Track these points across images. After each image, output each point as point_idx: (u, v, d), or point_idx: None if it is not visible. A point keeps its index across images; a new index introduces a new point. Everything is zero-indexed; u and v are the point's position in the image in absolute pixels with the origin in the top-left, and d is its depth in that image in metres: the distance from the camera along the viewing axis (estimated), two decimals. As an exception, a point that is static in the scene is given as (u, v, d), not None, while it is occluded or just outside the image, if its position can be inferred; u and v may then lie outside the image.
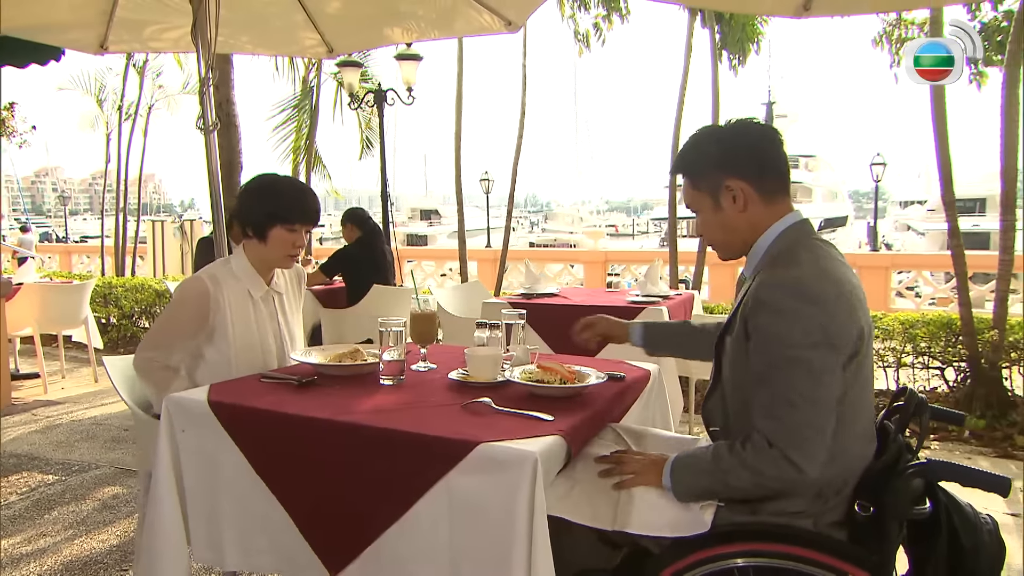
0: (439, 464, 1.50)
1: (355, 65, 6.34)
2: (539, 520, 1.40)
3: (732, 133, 1.64)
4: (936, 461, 1.42)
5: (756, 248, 1.63)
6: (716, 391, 1.69)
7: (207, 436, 1.80)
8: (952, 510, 1.48)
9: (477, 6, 4.16)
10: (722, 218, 1.63)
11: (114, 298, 7.49)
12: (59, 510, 3.38)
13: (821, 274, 1.48)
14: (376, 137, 8.63)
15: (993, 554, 1.46)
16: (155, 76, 9.50)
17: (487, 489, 1.45)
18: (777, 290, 1.47)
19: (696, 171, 1.66)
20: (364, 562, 1.61)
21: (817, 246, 1.57)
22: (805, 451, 1.40)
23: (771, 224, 1.61)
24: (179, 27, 4.47)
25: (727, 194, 1.61)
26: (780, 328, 1.45)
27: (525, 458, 1.42)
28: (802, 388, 1.41)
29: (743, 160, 1.60)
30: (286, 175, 2.35)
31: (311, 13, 4.56)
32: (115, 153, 9.65)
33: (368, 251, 5.15)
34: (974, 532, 1.46)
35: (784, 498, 1.48)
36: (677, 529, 1.51)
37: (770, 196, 1.60)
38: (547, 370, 1.91)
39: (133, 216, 10.65)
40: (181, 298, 2.24)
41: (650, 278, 4.00)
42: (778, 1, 3.56)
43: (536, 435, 1.51)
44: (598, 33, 7.45)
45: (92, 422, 4.88)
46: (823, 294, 1.45)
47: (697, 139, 1.68)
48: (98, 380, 6.01)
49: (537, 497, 1.40)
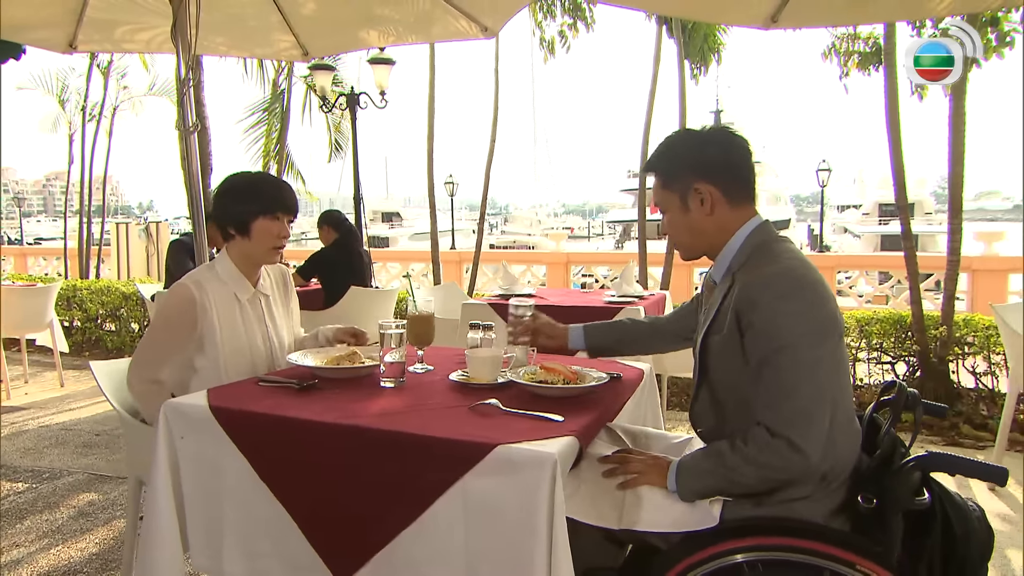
0: (455, 467, 1.45)
1: (328, 68, 6.21)
2: (559, 521, 1.37)
3: (705, 139, 1.66)
4: (936, 453, 1.44)
5: (725, 251, 1.65)
6: (702, 392, 1.68)
7: (208, 442, 1.72)
8: (944, 499, 1.51)
9: (454, 12, 4.11)
10: (689, 219, 1.65)
11: (79, 301, 7.20)
12: (32, 519, 3.21)
13: (801, 267, 1.52)
14: (344, 140, 8.51)
15: (983, 540, 1.48)
16: (120, 77, 9.16)
17: (505, 491, 1.41)
18: (766, 286, 1.49)
19: (668, 172, 1.68)
20: (375, 566, 1.55)
21: (785, 244, 1.60)
22: (806, 435, 1.40)
23: (737, 228, 1.64)
24: (152, 28, 4.32)
25: (695, 196, 1.63)
26: (774, 321, 1.46)
27: (544, 459, 1.38)
28: (797, 376, 1.43)
29: (713, 165, 1.63)
30: (259, 171, 2.29)
31: (287, 16, 4.44)
32: (78, 154, 9.28)
33: (345, 253, 5.05)
34: (965, 519, 1.48)
35: (790, 486, 1.49)
36: (684, 525, 1.50)
37: (737, 201, 1.63)
38: (550, 371, 1.88)
39: (95, 217, 10.27)
40: (167, 308, 2.14)
41: (625, 279, 4.01)
42: (748, 13, 3.60)
43: (550, 436, 1.48)
44: (563, 41, 7.46)
45: (60, 428, 4.66)
46: (808, 286, 1.48)
47: (671, 141, 1.70)
48: (64, 384, 5.76)
49: (557, 498, 1.37)
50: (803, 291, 1.47)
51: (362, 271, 5.02)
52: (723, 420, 1.62)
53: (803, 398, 1.42)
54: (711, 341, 1.62)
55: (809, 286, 1.48)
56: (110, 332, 7.27)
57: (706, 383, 1.66)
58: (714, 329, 1.61)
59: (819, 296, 1.48)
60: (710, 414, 1.66)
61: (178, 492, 1.75)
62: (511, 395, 1.80)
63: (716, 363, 1.61)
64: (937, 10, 4.06)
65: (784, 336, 1.44)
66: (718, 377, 1.61)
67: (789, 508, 1.49)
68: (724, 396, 1.61)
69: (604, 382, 1.86)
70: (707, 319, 1.65)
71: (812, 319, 1.45)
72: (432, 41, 4.51)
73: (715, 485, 1.52)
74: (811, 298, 1.47)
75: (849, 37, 8.27)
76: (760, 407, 1.47)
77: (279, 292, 2.41)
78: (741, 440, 1.48)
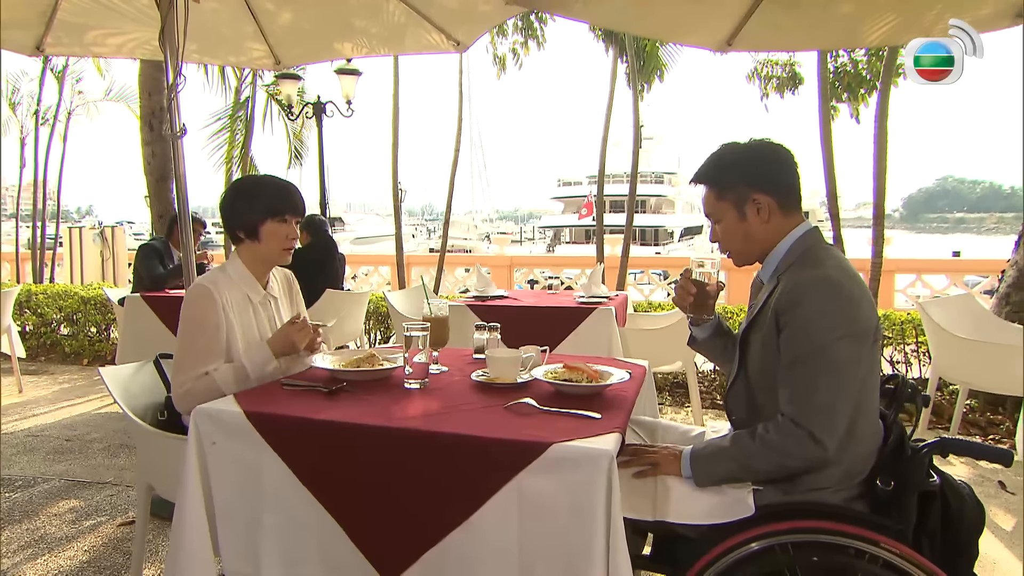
0: (509, 465, 1.40)
1: (294, 77, 5.99)
2: (616, 516, 1.34)
3: (755, 151, 1.65)
4: (948, 438, 1.49)
5: (774, 253, 1.65)
6: (739, 383, 1.69)
7: (244, 448, 1.60)
8: (941, 479, 1.56)
9: (428, 25, 4.03)
10: (746, 228, 1.64)
11: (34, 305, 6.67)
12: (12, 529, 2.93)
13: (845, 273, 1.53)
14: (304, 148, 8.24)
15: (974, 515, 1.54)
16: (75, 81, 8.55)
17: (560, 488, 1.37)
18: (810, 288, 1.50)
19: (722, 183, 1.66)
20: (423, 565, 1.48)
21: (831, 250, 1.62)
22: (827, 429, 1.43)
23: (787, 233, 1.64)
24: (124, 33, 4.05)
25: (752, 206, 1.62)
26: (812, 322, 1.47)
27: (601, 456, 1.35)
28: (828, 375, 1.45)
29: (766, 176, 1.63)
30: (265, 173, 2.19)
31: (262, 25, 4.25)
32: (30, 158, 8.61)
33: (322, 256, 4.89)
34: (959, 497, 1.54)
35: (815, 474, 1.50)
36: (719, 516, 1.50)
37: (787, 208, 1.64)
38: (573, 369, 1.84)
39: (49, 222, 9.55)
40: (192, 308, 2.00)
41: (593, 281, 4.03)
42: (705, 36, 3.68)
43: (598, 433, 1.45)
44: (516, 58, 7.45)
45: (26, 434, 4.30)
46: (850, 290, 1.49)
47: (722, 154, 1.68)
48: (23, 390, 5.33)
49: (614, 494, 1.34)
50: (840, 296, 1.48)
51: (337, 274, 4.86)
52: (755, 409, 1.63)
53: (828, 395, 1.44)
54: (752, 338, 1.62)
55: (847, 292, 1.49)
56: (67, 337, 6.78)
57: (743, 375, 1.67)
58: (755, 327, 1.62)
59: (856, 302, 1.49)
60: (743, 403, 1.67)
61: (208, 498, 1.63)
62: (536, 394, 1.76)
63: (754, 358, 1.62)
64: (863, 42, 4.27)
65: (818, 337, 1.45)
66: (754, 372, 1.62)
67: (818, 496, 1.51)
68: (758, 388, 1.62)
69: (626, 380, 1.84)
70: (750, 317, 1.65)
71: (846, 323, 1.46)
72: (404, 53, 4.39)
73: (730, 471, 1.53)
74: (847, 303, 1.48)
75: (769, 63, 8.63)
76: (787, 400, 1.48)
77: (285, 295, 2.31)
78: (763, 428, 1.49)
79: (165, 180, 6.02)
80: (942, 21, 3.48)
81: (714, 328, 1.91)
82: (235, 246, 2.14)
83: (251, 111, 7.25)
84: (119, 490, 3.39)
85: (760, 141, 1.66)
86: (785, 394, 1.49)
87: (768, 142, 1.66)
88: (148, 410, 2.17)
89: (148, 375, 2.29)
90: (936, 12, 3.46)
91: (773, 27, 3.50)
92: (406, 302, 4.53)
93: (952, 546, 1.51)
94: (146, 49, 4.06)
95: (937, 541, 1.50)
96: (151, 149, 5.97)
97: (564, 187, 54.34)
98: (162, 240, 4.93)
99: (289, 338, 2.01)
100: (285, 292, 2.32)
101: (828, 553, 1.44)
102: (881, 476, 1.49)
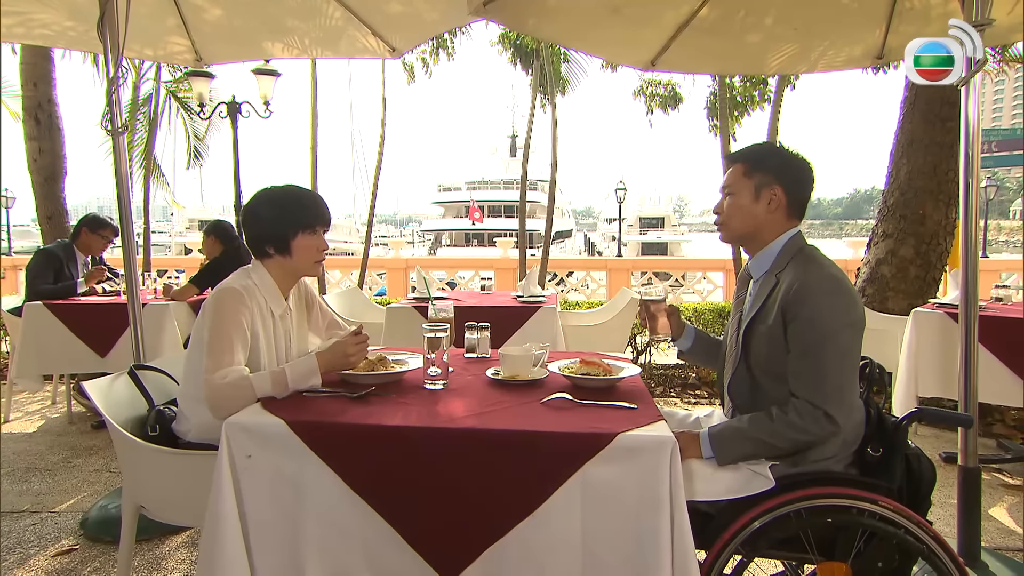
0: (576, 457, 1.39)
1: (206, 75, 5.47)
2: (679, 498, 1.37)
3: (798, 160, 1.77)
4: (926, 408, 1.68)
5: (768, 251, 1.77)
6: (740, 369, 1.79)
7: (285, 459, 1.47)
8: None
9: (365, 30, 3.88)
10: (752, 209, 1.75)
11: None
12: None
13: (841, 273, 1.68)
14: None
15: (930, 473, 1.74)
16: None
17: (626, 476, 1.38)
18: (817, 285, 1.62)
19: (757, 163, 1.76)
20: (484, 562, 1.43)
21: (819, 250, 1.77)
22: (839, 409, 1.57)
23: (781, 232, 1.77)
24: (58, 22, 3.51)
25: (767, 193, 1.73)
26: (820, 314, 1.59)
27: (664, 443, 1.38)
28: (837, 360, 1.58)
29: (793, 178, 1.75)
30: (287, 184, 2.00)
31: (186, 19, 3.88)
32: None
33: (238, 263, 4.50)
34: (918, 458, 1.74)
35: (821, 447, 1.64)
36: (740, 491, 1.59)
37: (792, 212, 1.77)
38: (590, 364, 1.87)
39: None
40: (220, 304, 1.80)
41: (531, 281, 4.07)
42: (635, 56, 3.84)
43: (650, 421, 1.48)
44: (425, 67, 7.34)
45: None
46: (847, 288, 1.64)
47: (766, 145, 1.83)
48: None
49: (676, 478, 1.37)
50: (843, 292, 1.62)
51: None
52: (757, 393, 1.74)
53: (838, 377, 1.58)
54: (756, 329, 1.72)
55: (848, 288, 1.63)
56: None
57: (745, 362, 1.76)
58: (759, 319, 1.71)
59: (855, 297, 1.64)
60: (746, 389, 1.76)
61: (241, 512, 1.48)
62: (555, 388, 1.76)
63: (757, 347, 1.72)
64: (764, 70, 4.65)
65: (828, 327, 1.58)
66: (758, 360, 1.72)
67: (824, 465, 1.64)
68: (760, 374, 1.72)
69: (636, 373, 1.89)
70: (751, 310, 1.75)
71: (849, 315, 1.60)
72: (339, 57, 4.16)
73: (752, 450, 1.63)
74: (849, 298, 1.62)
75: (653, 83, 9.13)
76: (801, 384, 1.60)
77: (299, 309, 2.12)
78: (781, 411, 1.60)
79: (55, 179, 5.28)
80: (826, 57, 3.92)
81: (694, 335, 2.05)
82: (260, 260, 1.96)
83: (155, 109, 6.54)
84: (42, 518, 2.96)
85: (802, 156, 1.79)
86: (799, 379, 1.60)
87: (807, 160, 1.78)
88: (129, 424, 1.92)
89: (123, 388, 2.02)
90: (822, 48, 3.88)
91: (692, 51, 3.73)
92: (339, 305, 4.33)
93: (914, 498, 1.70)
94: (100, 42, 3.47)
95: (905, 495, 1.69)
96: (37, 145, 5.21)
97: (444, 192, 54.16)
98: (64, 244, 4.34)
99: (345, 352, 1.80)
100: (299, 306, 2.12)
101: (838, 514, 1.57)
102: (871, 444, 1.65)
